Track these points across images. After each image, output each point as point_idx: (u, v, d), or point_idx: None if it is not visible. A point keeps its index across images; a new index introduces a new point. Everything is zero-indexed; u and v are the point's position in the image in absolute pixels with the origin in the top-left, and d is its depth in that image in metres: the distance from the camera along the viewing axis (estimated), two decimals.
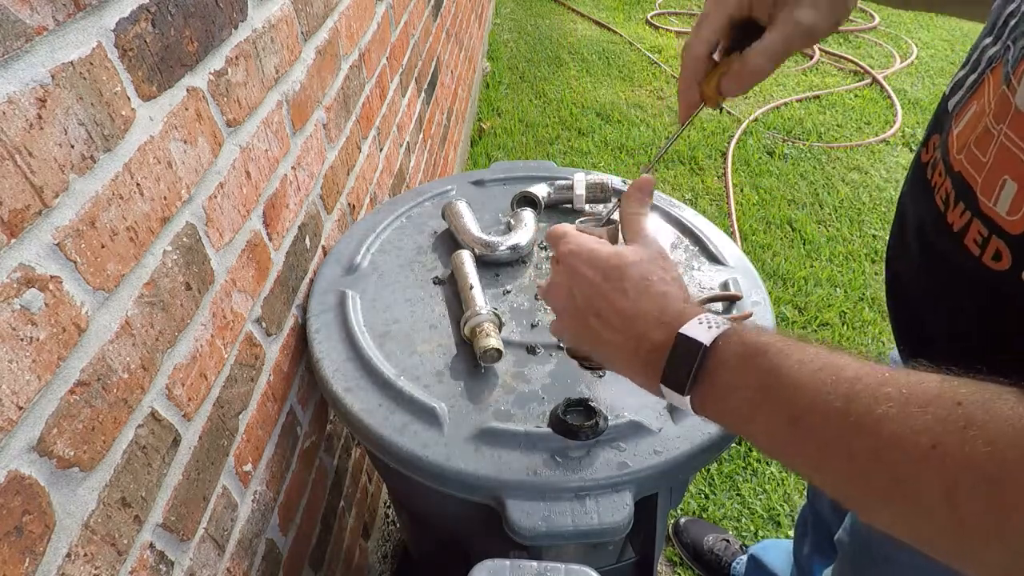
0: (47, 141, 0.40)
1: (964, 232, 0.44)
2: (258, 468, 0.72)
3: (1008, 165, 0.40)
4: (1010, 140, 0.40)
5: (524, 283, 0.87)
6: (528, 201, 0.98)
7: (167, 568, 0.55)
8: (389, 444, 0.66)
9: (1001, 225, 0.41)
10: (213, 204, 0.60)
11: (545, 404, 0.69)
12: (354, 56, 1.00)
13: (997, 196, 0.41)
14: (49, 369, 0.41)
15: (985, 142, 0.43)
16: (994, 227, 0.41)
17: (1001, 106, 0.42)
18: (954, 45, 3.78)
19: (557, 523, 0.60)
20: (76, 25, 0.42)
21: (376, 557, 1.31)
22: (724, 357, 0.40)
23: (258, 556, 0.74)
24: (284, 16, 0.74)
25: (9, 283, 0.37)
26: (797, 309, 1.98)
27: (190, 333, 0.57)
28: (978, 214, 0.43)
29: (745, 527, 1.44)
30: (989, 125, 0.43)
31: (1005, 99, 0.41)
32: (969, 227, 0.44)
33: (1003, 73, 0.43)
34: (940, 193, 0.48)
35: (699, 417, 0.43)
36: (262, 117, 0.70)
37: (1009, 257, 0.40)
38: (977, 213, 0.43)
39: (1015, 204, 0.39)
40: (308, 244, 0.86)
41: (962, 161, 0.45)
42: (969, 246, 0.44)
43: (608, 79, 3.41)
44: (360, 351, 0.74)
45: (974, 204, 0.43)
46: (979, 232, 0.43)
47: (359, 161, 1.06)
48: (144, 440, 0.51)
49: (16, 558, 0.38)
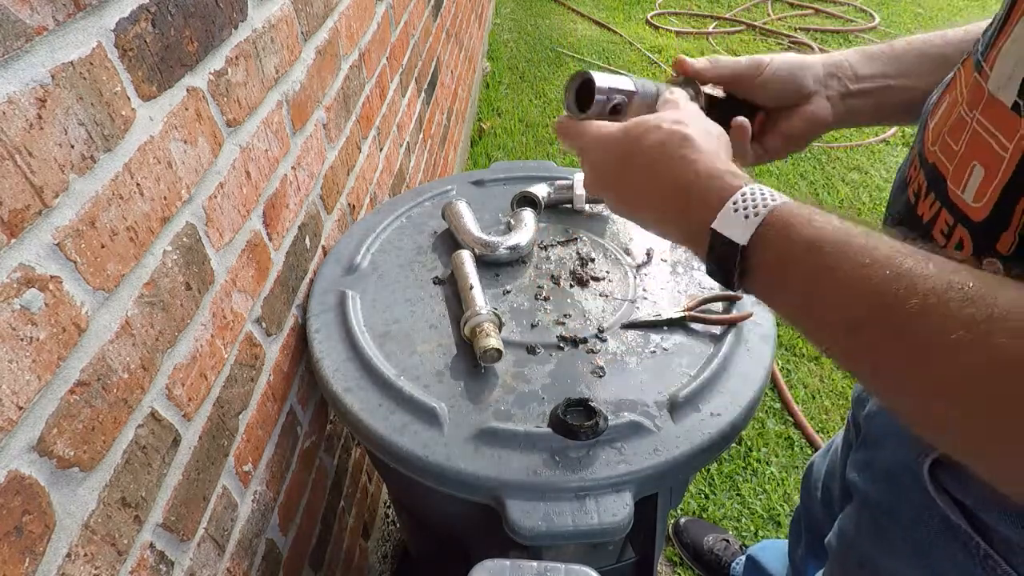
0: (47, 141, 0.40)
1: (932, 223, 0.44)
2: (258, 468, 0.72)
3: (979, 151, 0.40)
4: (982, 126, 0.40)
5: (524, 283, 0.87)
6: (528, 201, 0.98)
7: (167, 568, 0.55)
8: (389, 444, 0.66)
9: (966, 212, 0.40)
10: (213, 204, 0.60)
11: (545, 404, 0.69)
12: (354, 56, 1.00)
13: (965, 183, 0.41)
14: (49, 369, 0.41)
15: (958, 130, 0.42)
16: (959, 215, 0.41)
17: (974, 94, 0.42)
18: None
19: (557, 523, 0.60)
20: (76, 25, 0.42)
21: (376, 557, 1.31)
22: (765, 256, 0.36)
23: (258, 556, 0.74)
24: (284, 16, 0.74)
25: (9, 283, 0.37)
26: None
27: (190, 333, 0.57)
28: (946, 203, 0.42)
29: (745, 527, 1.44)
30: (963, 113, 0.42)
31: (977, 86, 0.41)
32: (937, 217, 0.43)
33: (973, 62, 0.43)
34: (913, 186, 0.48)
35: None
36: (262, 117, 0.70)
37: (971, 246, 0.40)
38: (945, 202, 0.43)
39: (980, 190, 0.39)
40: (308, 244, 0.86)
41: (936, 152, 0.45)
42: (936, 237, 0.43)
43: None
44: (360, 351, 0.74)
45: (943, 193, 0.43)
46: (945, 222, 0.42)
47: (359, 161, 1.06)
48: (144, 440, 0.51)
49: (16, 558, 0.38)
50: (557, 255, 0.92)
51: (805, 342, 1.85)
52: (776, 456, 1.57)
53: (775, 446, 1.59)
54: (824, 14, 4.15)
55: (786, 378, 1.76)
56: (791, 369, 1.79)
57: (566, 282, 0.86)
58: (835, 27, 3.95)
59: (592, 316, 0.81)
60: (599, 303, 0.83)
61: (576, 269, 0.88)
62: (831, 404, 1.70)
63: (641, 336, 0.78)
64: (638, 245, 0.93)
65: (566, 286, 0.86)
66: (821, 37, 3.81)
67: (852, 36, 3.87)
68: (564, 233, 0.96)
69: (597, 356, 0.75)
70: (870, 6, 4.24)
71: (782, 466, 1.55)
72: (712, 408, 0.68)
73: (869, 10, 4.15)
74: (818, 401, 1.71)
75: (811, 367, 1.80)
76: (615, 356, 0.75)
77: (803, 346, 1.85)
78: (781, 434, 1.61)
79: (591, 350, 0.76)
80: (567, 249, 0.93)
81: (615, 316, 0.80)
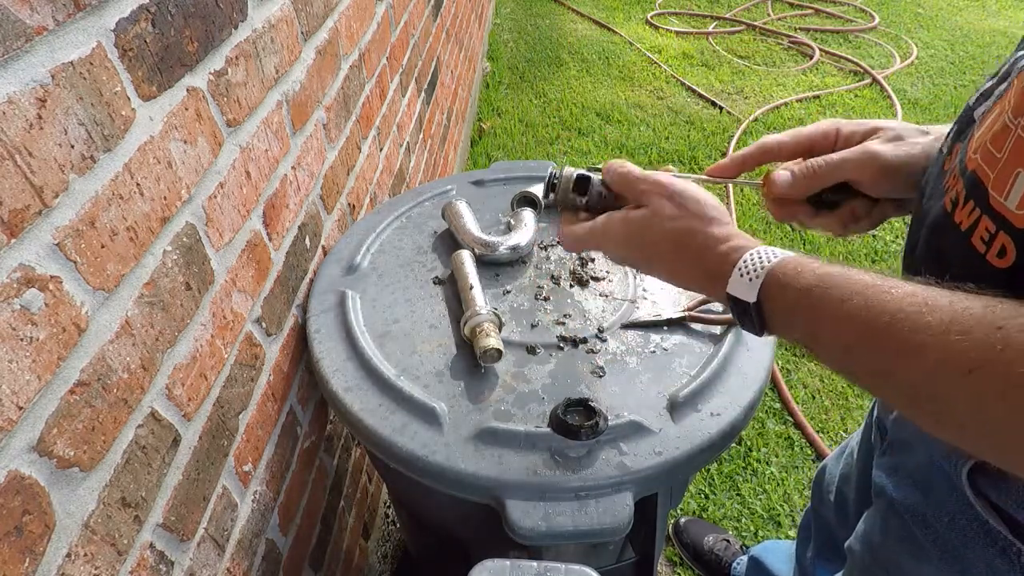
0: (47, 141, 0.40)
1: (972, 230, 0.44)
2: (258, 468, 0.72)
3: (1023, 158, 0.40)
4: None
5: (524, 283, 0.87)
6: (528, 201, 0.98)
7: (167, 568, 0.55)
8: (389, 444, 0.66)
9: (1009, 220, 0.41)
10: (213, 204, 0.60)
11: (545, 404, 0.69)
12: (354, 56, 1.00)
13: (1009, 190, 0.41)
14: (49, 369, 0.41)
15: (1002, 138, 0.43)
16: (1002, 222, 0.41)
17: (1019, 100, 0.42)
18: (954, 45, 3.77)
19: (557, 523, 0.60)
20: (76, 25, 0.42)
21: (376, 557, 1.31)
22: (773, 307, 0.44)
23: (258, 556, 0.74)
24: (284, 16, 0.74)
25: (9, 283, 0.37)
26: None
27: (190, 333, 0.57)
28: (987, 210, 0.43)
29: (745, 527, 1.44)
30: (1007, 121, 0.43)
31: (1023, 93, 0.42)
32: (977, 225, 0.44)
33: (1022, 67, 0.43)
34: (950, 194, 0.48)
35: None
36: (262, 117, 0.70)
37: (1014, 252, 0.40)
38: (986, 209, 0.43)
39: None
40: (308, 244, 0.86)
41: (976, 159, 0.45)
42: (976, 244, 0.44)
43: (608, 79, 3.41)
44: (360, 351, 0.74)
45: (984, 200, 0.43)
46: (986, 229, 0.43)
47: (359, 161, 1.06)
48: (144, 440, 0.51)
49: (16, 558, 0.38)
50: (557, 255, 0.92)
51: None
52: (776, 456, 1.57)
53: (775, 446, 1.59)
54: (824, 14, 4.15)
55: (786, 378, 1.76)
56: (791, 369, 1.79)
57: (566, 282, 0.86)
58: (835, 27, 3.95)
59: (592, 316, 0.81)
60: (599, 303, 0.83)
61: (576, 269, 0.88)
62: (831, 404, 1.70)
63: (641, 336, 0.78)
64: None
65: (566, 286, 0.86)
66: (821, 37, 3.81)
67: (852, 36, 3.87)
68: None
69: (597, 356, 0.75)
70: (870, 6, 4.24)
71: (782, 466, 1.55)
72: (712, 408, 0.68)
73: (869, 10, 4.16)
74: (818, 401, 1.71)
75: (811, 367, 1.80)
76: (615, 356, 0.75)
77: None
78: (781, 434, 1.61)
79: (591, 350, 0.76)
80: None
81: (615, 316, 0.80)
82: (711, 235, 0.49)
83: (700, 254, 0.49)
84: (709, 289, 0.49)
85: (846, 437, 0.97)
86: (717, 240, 0.48)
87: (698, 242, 0.49)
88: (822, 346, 0.42)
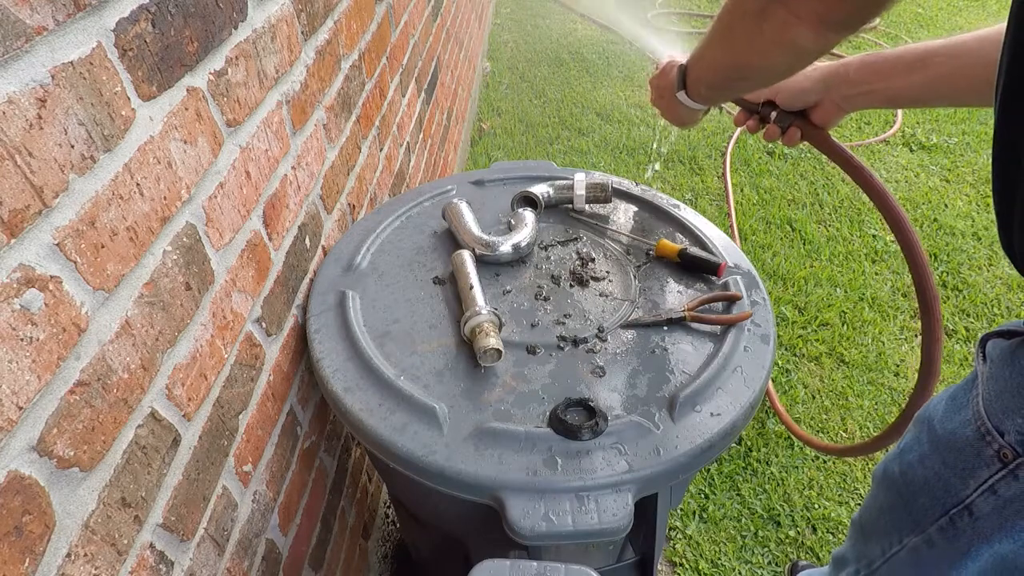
0: (47, 141, 0.40)
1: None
2: (258, 468, 0.72)
3: None
4: None
5: (524, 283, 0.87)
6: (528, 201, 0.98)
7: (167, 568, 0.55)
8: (389, 444, 0.66)
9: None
10: (213, 204, 0.60)
11: (545, 404, 0.69)
12: (354, 56, 1.00)
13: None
14: (49, 369, 0.41)
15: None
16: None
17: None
18: None
19: (557, 523, 0.60)
20: (76, 25, 0.42)
21: (376, 557, 1.31)
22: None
23: (258, 556, 0.74)
24: (284, 16, 0.74)
25: (9, 283, 0.37)
26: (797, 309, 1.98)
27: (190, 333, 0.57)
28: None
29: (745, 527, 1.44)
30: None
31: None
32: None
33: None
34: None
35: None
36: (262, 117, 0.70)
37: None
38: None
39: None
40: (308, 244, 0.86)
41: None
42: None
43: (608, 79, 3.41)
44: (360, 351, 0.74)
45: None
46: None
47: (359, 161, 1.06)
48: (144, 440, 0.51)
49: (16, 558, 0.38)
50: (557, 255, 0.92)
51: (805, 343, 1.85)
52: (776, 456, 1.57)
53: (775, 446, 1.59)
54: None
55: (786, 378, 1.76)
56: (791, 369, 1.79)
57: (566, 282, 0.86)
58: None
59: (592, 316, 0.81)
60: (599, 303, 0.83)
61: (576, 269, 0.88)
62: (831, 404, 1.70)
63: (641, 336, 0.78)
64: (638, 245, 0.93)
65: (566, 286, 0.86)
66: None
67: (852, 36, 3.86)
68: (564, 233, 0.96)
69: (597, 356, 0.75)
70: None
71: (782, 466, 1.55)
72: (712, 408, 0.68)
73: None
74: (818, 401, 1.71)
75: (811, 367, 1.80)
76: (615, 356, 0.75)
77: (803, 346, 1.85)
78: (781, 434, 1.61)
79: (591, 350, 0.76)
80: (567, 249, 0.93)
81: (615, 316, 0.81)
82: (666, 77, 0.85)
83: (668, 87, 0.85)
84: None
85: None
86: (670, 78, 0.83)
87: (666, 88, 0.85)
88: (711, 82, 0.76)
